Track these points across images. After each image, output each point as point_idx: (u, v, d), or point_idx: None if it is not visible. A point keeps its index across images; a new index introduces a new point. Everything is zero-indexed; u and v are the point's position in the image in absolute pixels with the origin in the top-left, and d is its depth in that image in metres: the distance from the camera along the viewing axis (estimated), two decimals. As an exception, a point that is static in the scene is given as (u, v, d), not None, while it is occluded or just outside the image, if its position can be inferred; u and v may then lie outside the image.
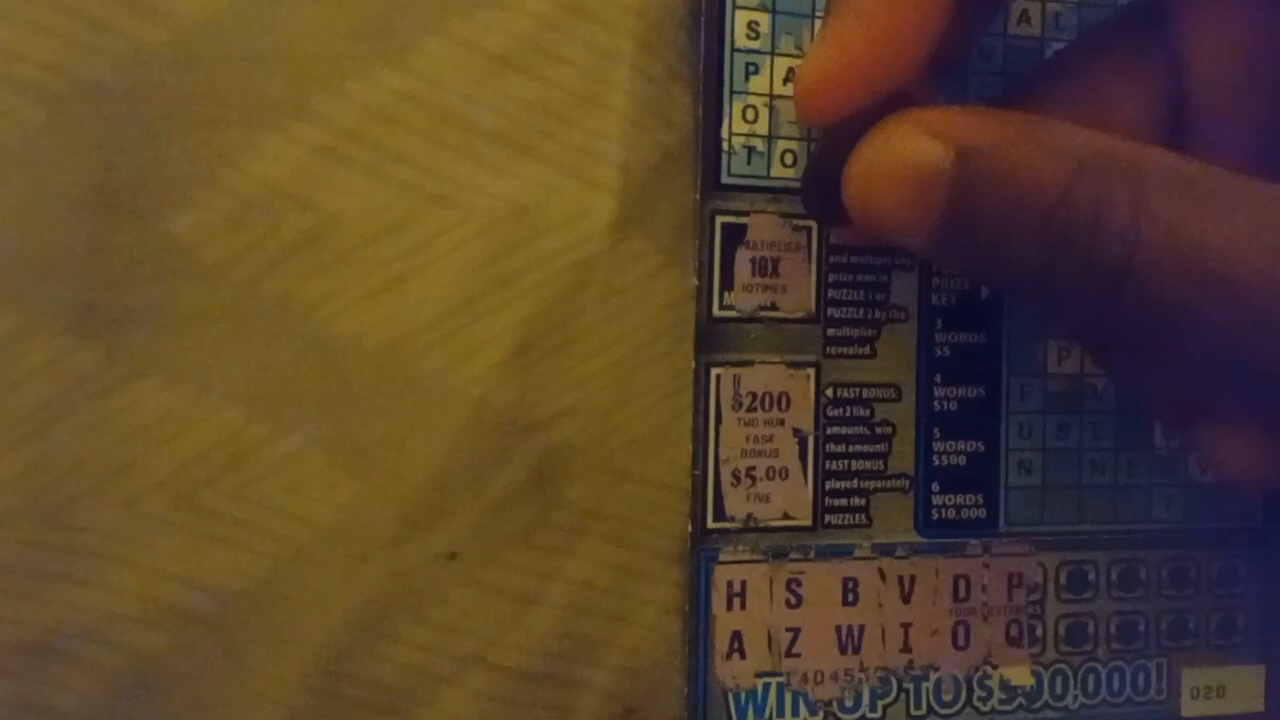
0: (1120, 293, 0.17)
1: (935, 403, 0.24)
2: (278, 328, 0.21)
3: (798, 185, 0.23)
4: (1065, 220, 0.17)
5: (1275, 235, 0.17)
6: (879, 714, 0.24)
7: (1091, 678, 0.25)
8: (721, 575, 0.23)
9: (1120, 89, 0.21)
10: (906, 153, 0.18)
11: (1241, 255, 0.16)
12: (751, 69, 0.23)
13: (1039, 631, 0.24)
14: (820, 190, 0.20)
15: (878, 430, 0.24)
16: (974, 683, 0.24)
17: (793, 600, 0.23)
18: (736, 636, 0.23)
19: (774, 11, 0.23)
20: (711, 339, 0.23)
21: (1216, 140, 0.20)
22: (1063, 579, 0.25)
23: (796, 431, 0.23)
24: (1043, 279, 0.18)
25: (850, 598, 0.23)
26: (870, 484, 0.24)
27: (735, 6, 0.22)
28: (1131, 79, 0.21)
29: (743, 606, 0.23)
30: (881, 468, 0.24)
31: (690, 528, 0.23)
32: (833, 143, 0.20)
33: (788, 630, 0.23)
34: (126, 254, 0.20)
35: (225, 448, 0.20)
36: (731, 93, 0.23)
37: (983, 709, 0.24)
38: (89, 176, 0.20)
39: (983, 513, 0.24)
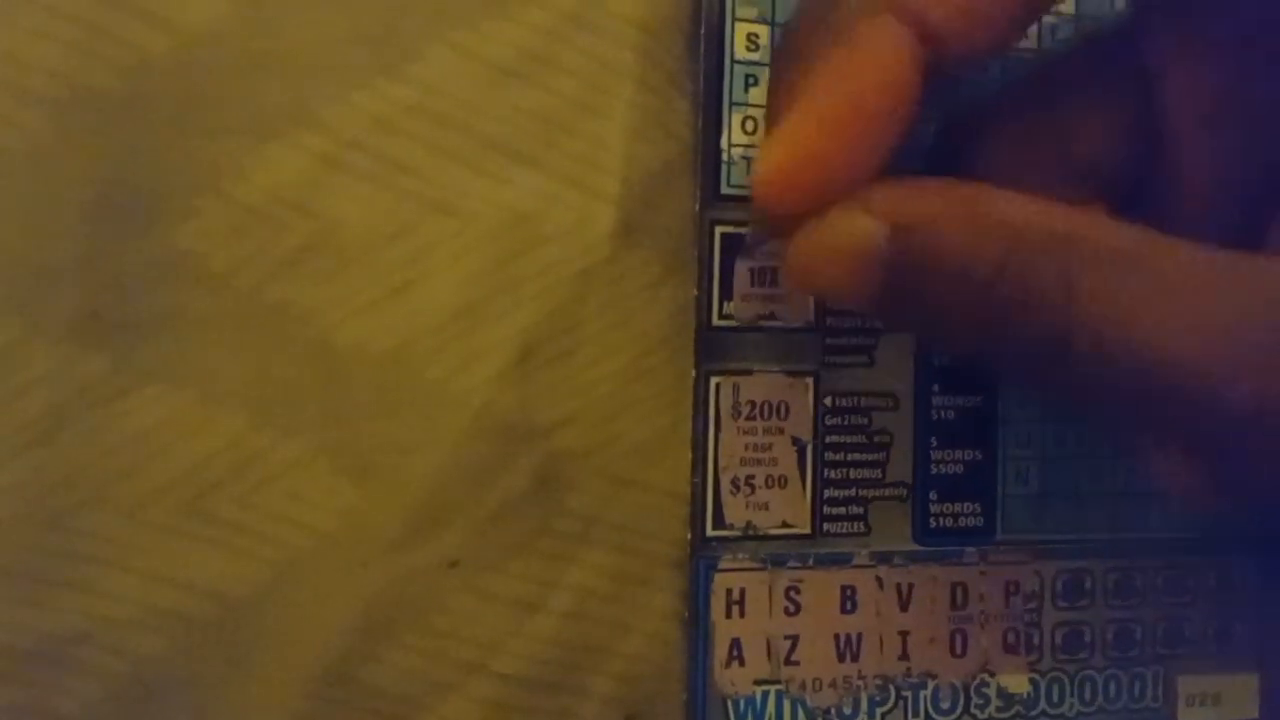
0: (1059, 366, 0.17)
1: (933, 411, 0.24)
2: (280, 335, 0.21)
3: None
4: (1000, 297, 0.17)
5: (1205, 315, 0.17)
6: (877, 721, 0.24)
7: (1088, 685, 0.25)
8: (721, 583, 0.23)
9: (1091, 114, 0.21)
10: (844, 230, 0.18)
11: (1171, 336, 0.16)
12: (751, 80, 0.23)
13: (1036, 639, 0.25)
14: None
15: (876, 439, 0.24)
16: (971, 690, 0.24)
17: (791, 608, 0.23)
18: (735, 644, 0.23)
19: (774, 24, 0.23)
20: (711, 348, 0.23)
21: (1187, 167, 0.20)
22: (1059, 587, 0.25)
23: (795, 440, 0.23)
24: (985, 348, 0.18)
25: (848, 606, 0.24)
26: (868, 492, 0.24)
27: (735, 19, 0.23)
28: (1103, 104, 0.21)
29: (742, 614, 0.23)
30: (879, 476, 0.24)
31: (690, 536, 0.23)
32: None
33: (786, 638, 0.23)
34: (130, 261, 0.20)
35: (228, 454, 0.20)
36: (731, 104, 0.23)
37: (980, 716, 0.24)
38: (92, 184, 0.20)
39: (980, 521, 0.24)
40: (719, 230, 0.23)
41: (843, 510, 0.23)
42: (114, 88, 0.20)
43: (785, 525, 0.23)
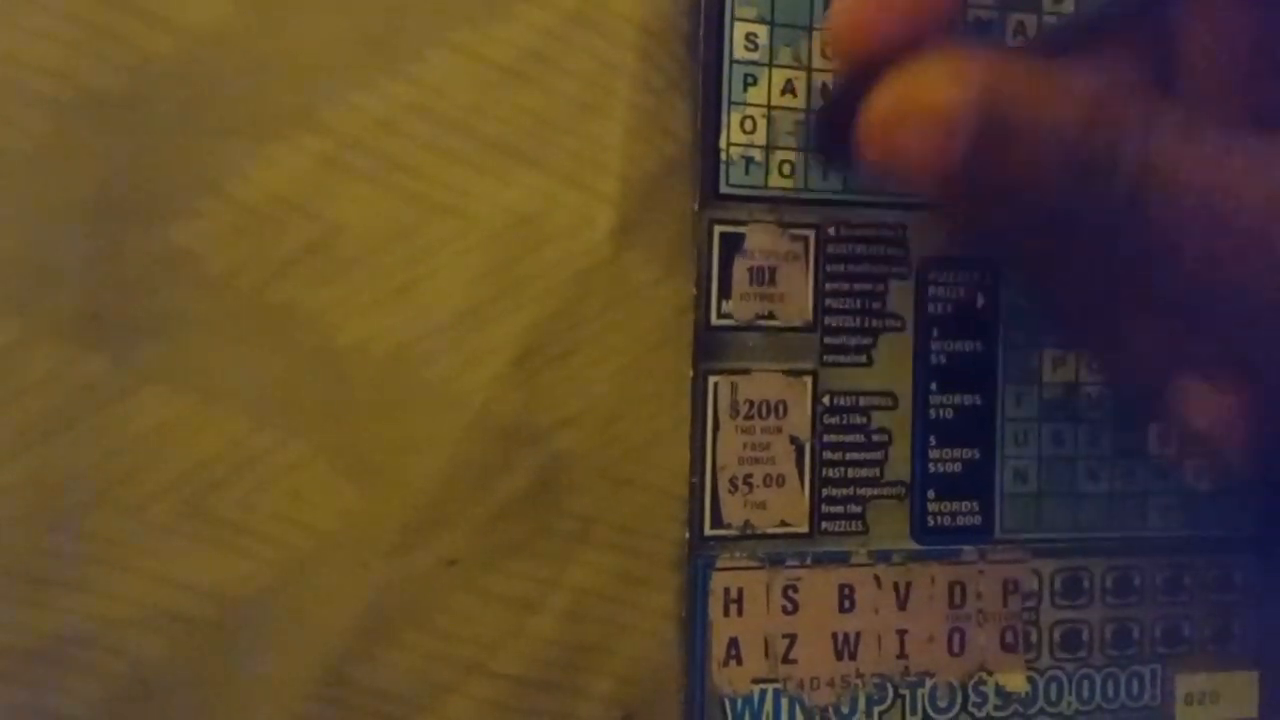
0: (1129, 224, 0.18)
1: (931, 410, 0.24)
2: (282, 336, 0.21)
3: (809, 136, 0.23)
4: (1084, 158, 0.18)
5: (1262, 177, 0.17)
6: (875, 720, 0.24)
7: (1086, 684, 0.25)
8: (719, 582, 0.23)
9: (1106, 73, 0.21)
10: (930, 94, 0.18)
11: (1237, 193, 0.17)
12: (750, 80, 0.23)
13: (1034, 638, 0.25)
14: (835, 129, 0.20)
15: (874, 438, 0.24)
16: (969, 689, 0.24)
17: (789, 607, 0.23)
18: (734, 643, 0.23)
19: (772, 24, 0.23)
20: (709, 347, 0.23)
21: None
22: (1058, 585, 0.25)
23: (793, 439, 0.23)
24: (1054, 216, 0.18)
25: (846, 604, 0.24)
26: (866, 491, 0.24)
27: (734, 19, 0.23)
28: (1119, 61, 0.21)
29: (740, 613, 0.23)
30: (878, 475, 0.24)
31: (688, 535, 0.23)
32: (854, 79, 0.20)
33: (784, 637, 0.23)
34: (131, 263, 0.20)
35: (229, 455, 0.20)
36: (730, 103, 0.23)
37: (978, 715, 0.24)
38: (94, 185, 0.20)
39: (978, 520, 0.24)
40: (718, 230, 0.23)
41: (841, 509, 0.24)
42: (116, 88, 0.20)
43: (783, 524, 0.23)
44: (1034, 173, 0.18)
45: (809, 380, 0.23)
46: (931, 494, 0.24)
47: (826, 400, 0.23)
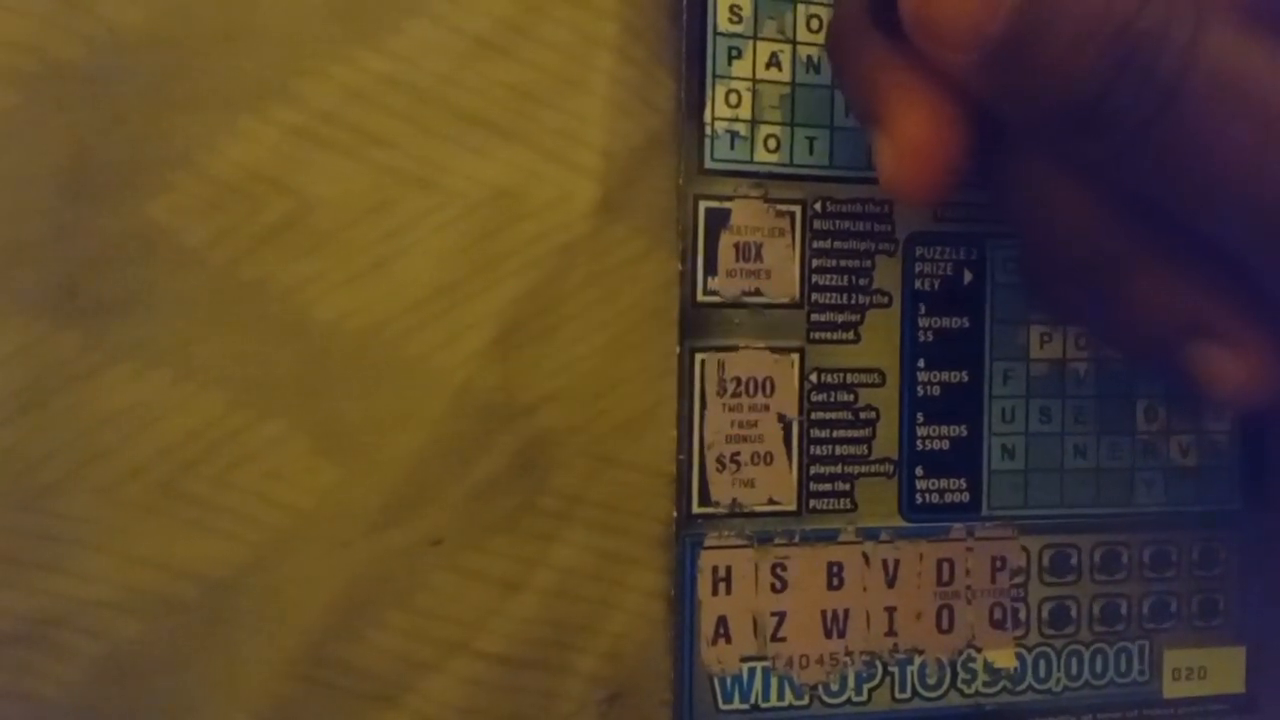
0: (1165, 114, 0.17)
1: (919, 387, 0.24)
2: (257, 312, 0.20)
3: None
4: (1136, 34, 0.17)
5: None
6: (864, 697, 0.24)
7: (1074, 660, 0.25)
8: (707, 560, 0.23)
9: None
10: None
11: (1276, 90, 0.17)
12: (734, 53, 0.23)
13: (1022, 614, 0.25)
14: None
15: (862, 415, 0.24)
16: (958, 666, 0.24)
17: (778, 585, 0.23)
18: (722, 621, 0.23)
19: (756, -5, 0.23)
20: (695, 324, 0.23)
21: None
22: (1045, 562, 0.25)
23: (781, 416, 0.23)
24: (1091, 102, 0.18)
25: (835, 582, 0.23)
26: (854, 468, 0.24)
27: (717, -10, 0.22)
28: None
29: (728, 591, 0.23)
30: (865, 452, 0.24)
31: (675, 513, 0.23)
32: None
33: (773, 615, 0.23)
34: (103, 238, 0.20)
35: (205, 433, 0.20)
36: (714, 77, 0.22)
37: (967, 692, 0.24)
38: (64, 160, 0.19)
39: (966, 497, 0.24)
40: (703, 205, 0.23)
41: (829, 487, 0.23)
42: (86, 62, 0.19)
43: (771, 502, 0.23)
44: (1075, 55, 0.17)
45: (796, 357, 0.23)
46: (919, 471, 0.24)
47: (814, 378, 0.23)
